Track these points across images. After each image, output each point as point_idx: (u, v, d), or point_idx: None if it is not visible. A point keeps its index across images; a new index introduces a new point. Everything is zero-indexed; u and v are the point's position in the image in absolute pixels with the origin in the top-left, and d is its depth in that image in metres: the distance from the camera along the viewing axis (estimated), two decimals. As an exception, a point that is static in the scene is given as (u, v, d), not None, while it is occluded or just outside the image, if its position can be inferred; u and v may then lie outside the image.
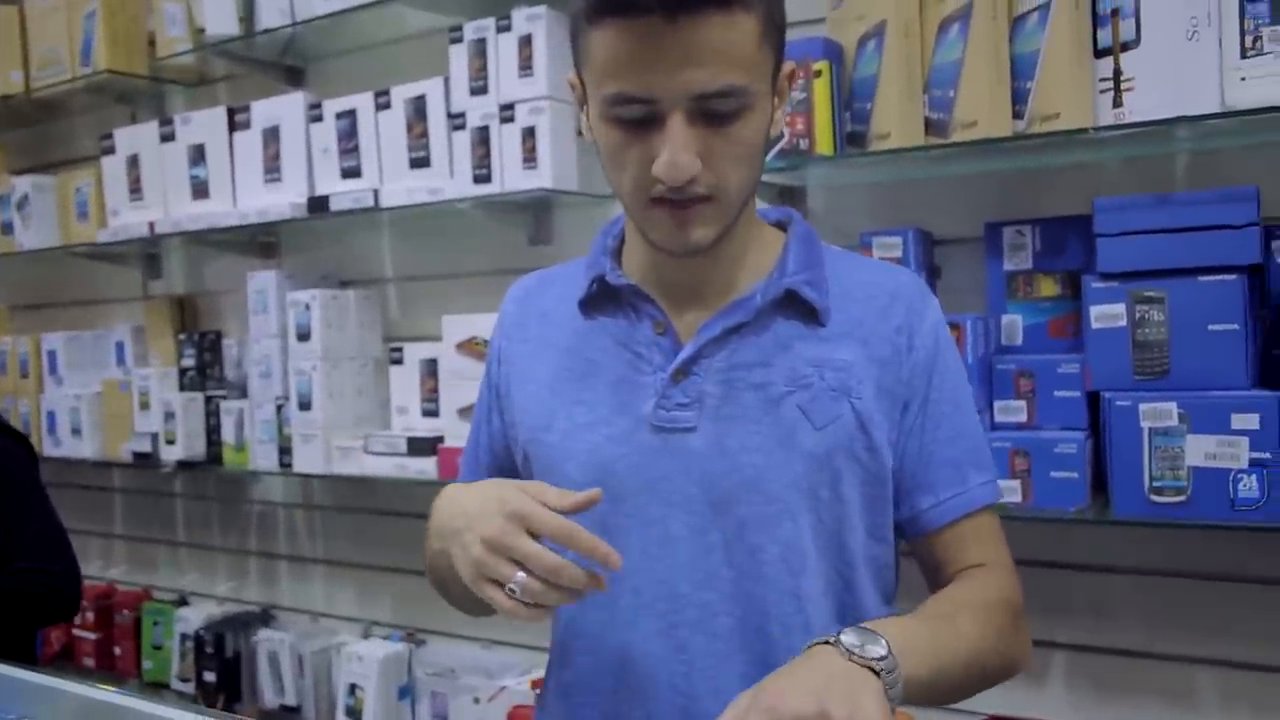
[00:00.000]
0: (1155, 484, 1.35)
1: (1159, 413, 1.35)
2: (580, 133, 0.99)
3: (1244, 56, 1.30)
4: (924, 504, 0.99)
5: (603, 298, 1.02)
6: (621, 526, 0.95)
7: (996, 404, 1.51)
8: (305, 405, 2.11)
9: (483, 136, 1.91)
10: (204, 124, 2.28)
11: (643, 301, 0.99)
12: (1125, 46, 1.36)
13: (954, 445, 1.00)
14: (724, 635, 0.94)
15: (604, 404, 0.98)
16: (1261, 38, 1.29)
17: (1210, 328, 1.36)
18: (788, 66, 0.95)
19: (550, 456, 1.00)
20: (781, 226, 1.05)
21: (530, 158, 1.86)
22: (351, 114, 2.07)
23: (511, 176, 1.88)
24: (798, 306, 0.97)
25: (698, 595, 0.94)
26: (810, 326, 0.97)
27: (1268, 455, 1.30)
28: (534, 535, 0.83)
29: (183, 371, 2.46)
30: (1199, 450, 1.33)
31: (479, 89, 1.91)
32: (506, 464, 1.11)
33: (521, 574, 0.81)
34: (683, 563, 0.94)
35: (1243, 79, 1.30)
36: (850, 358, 0.96)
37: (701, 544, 0.94)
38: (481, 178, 1.91)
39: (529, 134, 1.86)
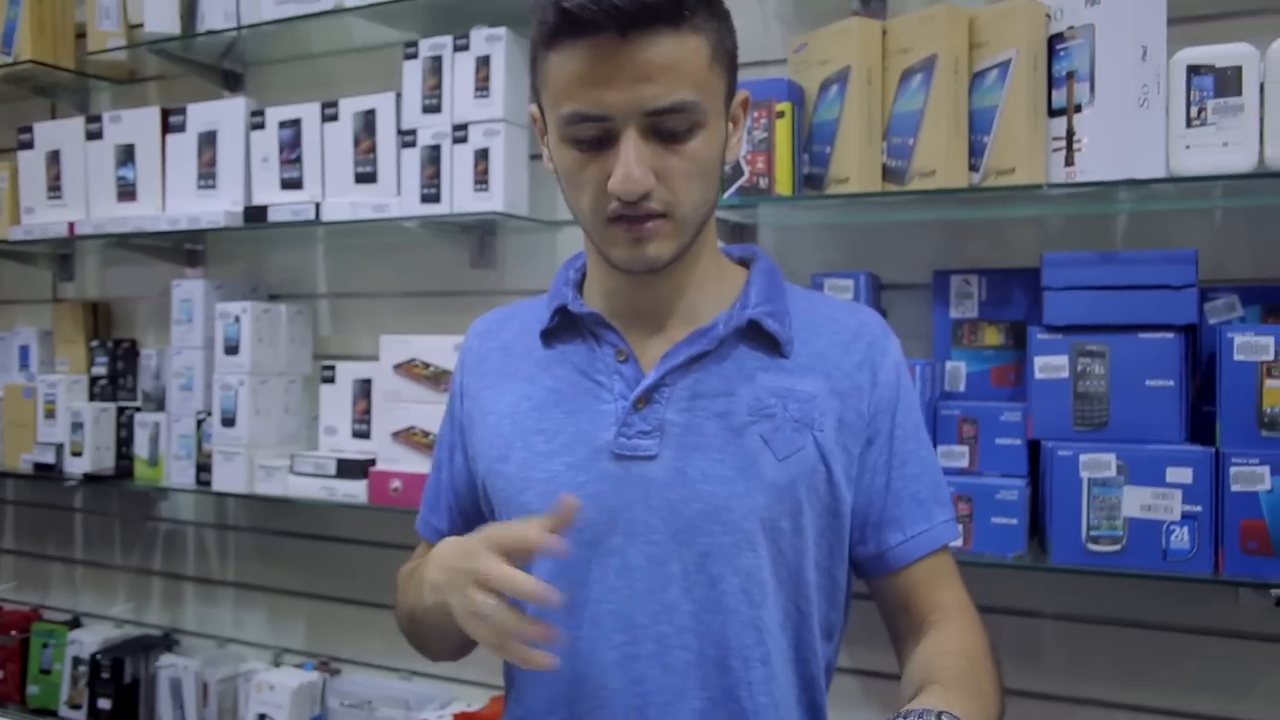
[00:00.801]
0: (1093, 533, 1.39)
1: (1098, 463, 1.39)
2: (546, 162, 0.99)
3: (1189, 126, 1.36)
4: (892, 540, 1.00)
5: (564, 327, 1.03)
6: (580, 556, 0.94)
7: (940, 448, 1.54)
8: (229, 421, 2.03)
9: (433, 155, 1.88)
10: (135, 124, 2.19)
11: (604, 329, 1.00)
12: (1079, 108, 1.41)
13: (919, 482, 1.02)
14: (680, 669, 0.93)
15: (563, 432, 0.98)
16: (1206, 109, 1.35)
17: (1148, 383, 1.41)
18: (741, 94, 0.98)
19: (509, 487, 0.99)
20: (745, 264, 1.07)
21: (482, 180, 1.83)
22: (296, 123, 2.01)
23: (461, 198, 1.85)
24: (760, 338, 0.98)
25: (655, 627, 0.94)
26: (773, 357, 0.98)
27: (1199, 508, 1.34)
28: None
29: (94, 380, 2.34)
30: (1135, 501, 1.37)
31: (432, 107, 1.88)
32: (468, 502, 1.11)
33: (492, 599, 0.84)
34: (640, 593, 0.94)
35: (1187, 147, 1.36)
36: (813, 390, 0.97)
37: (660, 574, 0.94)
38: (430, 197, 1.88)
39: (482, 155, 1.84)
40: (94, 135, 2.24)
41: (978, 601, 1.63)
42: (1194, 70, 1.35)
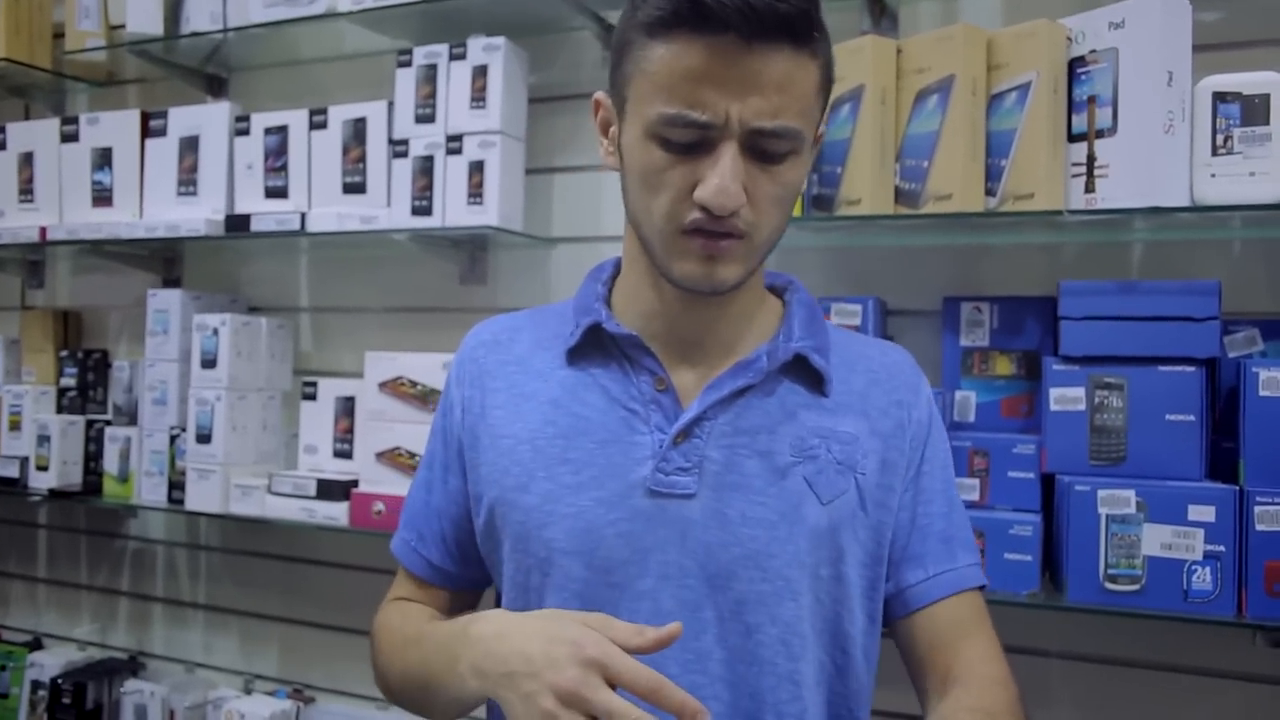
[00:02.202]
0: (1111, 571, 1.34)
1: (1117, 499, 1.35)
2: (604, 156, 0.94)
3: (1214, 154, 1.32)
4: (912, 579, 0.96)
5: (592, 347, 0.95)
6: (607, 599, 0.88)
7: (950, 480, 1.49)
8: (204, 438, 1.95)
9: (426, 167, 1.81)
10: (113, 126, 2.11)
11: (642, 354, 0.92)
12: (1100, 133, 1.37)
13: (945, 520, 0.97)
14: None
15: (593, 464, 0.90)
16: (1232, 137, 1.31)
17: (1168, 417, 1.36)
18: (821, 129, 0.92)
19: (528, 520, 0.91)
20: (777, 292, 1.02)
21: (476, 193, 1.77)
22: (283, 130, 1.94)
23: (454, 211, 1.79)
24: (804, 373, 0.94)
25: (686, 678, 0.87)
26: (814, 395, 0.94)
27: (1222, 548, 1.30)
28: (611, 684, 0.74)
29: (62, 392, 2.25)
30: (1155, 539, 1.33)
31: (425, 116, 1.82)
32: (463, 532, 1.02)
33: None
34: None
35: (1212, 175, 1.32)
36: (854, 430, 0.93)
37: (694, 621, 0.88)
38: (421, 209, 1.81)
39: (476, 168, 1.77)
40: (70, 137, 2.15)
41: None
42: (1220, 97, 1.32)
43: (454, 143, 1.80)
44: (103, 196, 2.12)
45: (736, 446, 0.90)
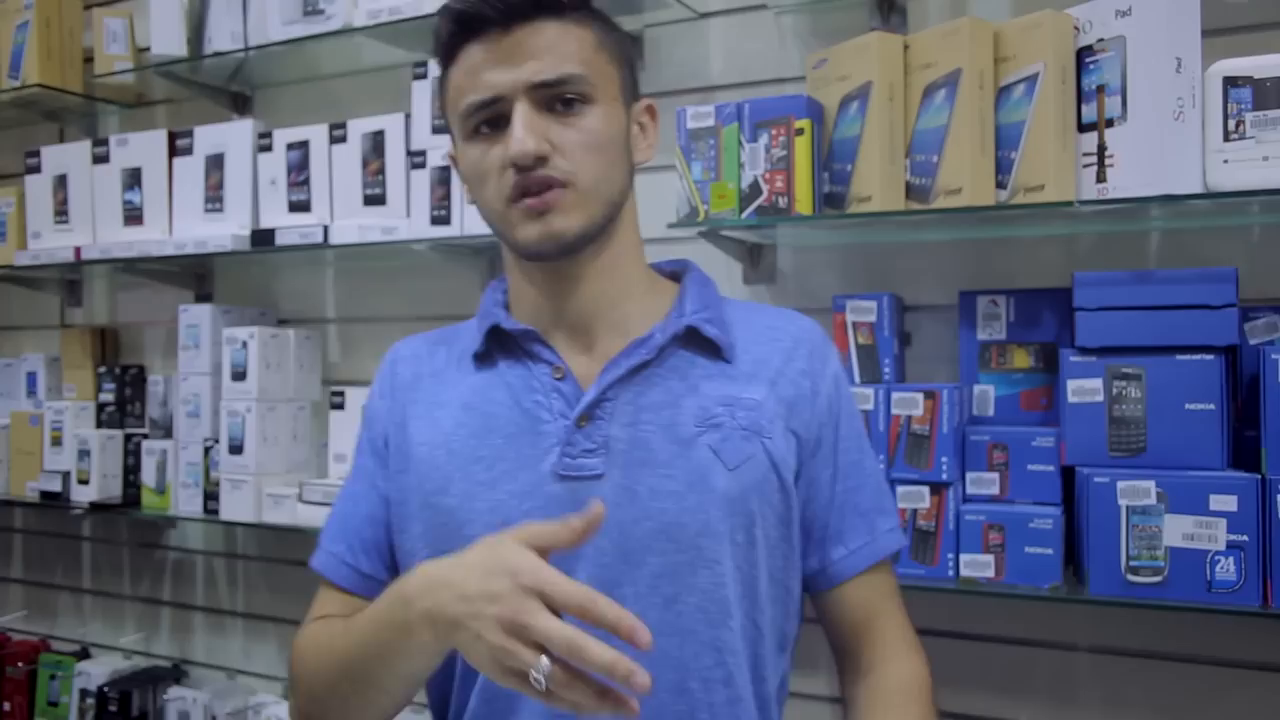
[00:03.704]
0: (1133, 563, 1.33)
1: (1137, 491, 1.33)
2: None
3: (1226, 139, 1.31)
4: (836, 554, 1.01)
5: (496, 348, 0.99)
6: None
7: (969, 475, 1.48)
8: (236, 449, 1.99)
9: (443, 176, 1.84)
10: (142, 147, 2.16)
11: (538, 345, 0.96)
12: (1110, 123, 1.36)
13: (862, 493, 1.02)
14: (637, 695, 0.88)
15: (504, 459, 0.93)
16: (1244, 122, 1.30)
17: (1188, 406, 1.35)
18: (646, 102, 1.01)
19: (450, 521, 0.94)
20: (676, 277, 1.05)
21: (493, 201, 1.79)
22: (304, 145, 1.98)
23: (472, 219, 1.81)
24: (701, 344, 0.97)
25: None
26: (716, 363, 0.97)
27: (1245, 538, 1.29)
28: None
29: (101, 407, 2.31)
30: (1177, 530, 1.32)
31: (442, 127, 1.83)
32: (388, 537, 1.02)
33: (546, 659, 0.73)
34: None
35: (1225, 161, 1.31)
36: (759, 397, 0.96)
37: (613, 598, 0.88)
38: (440, 219, 1.84)
39: (493, 176, 1.79)
40: (101, 159, 2.21)
41: (1010, 634, 1.59)
42: (1231, 82, 1.30)
43: (470, 152, 1.82)
44: (134, 215, 2.17)
45: (640, 423, 0.93)
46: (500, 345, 0.99)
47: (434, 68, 1.83)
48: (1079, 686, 1.56)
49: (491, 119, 0.91)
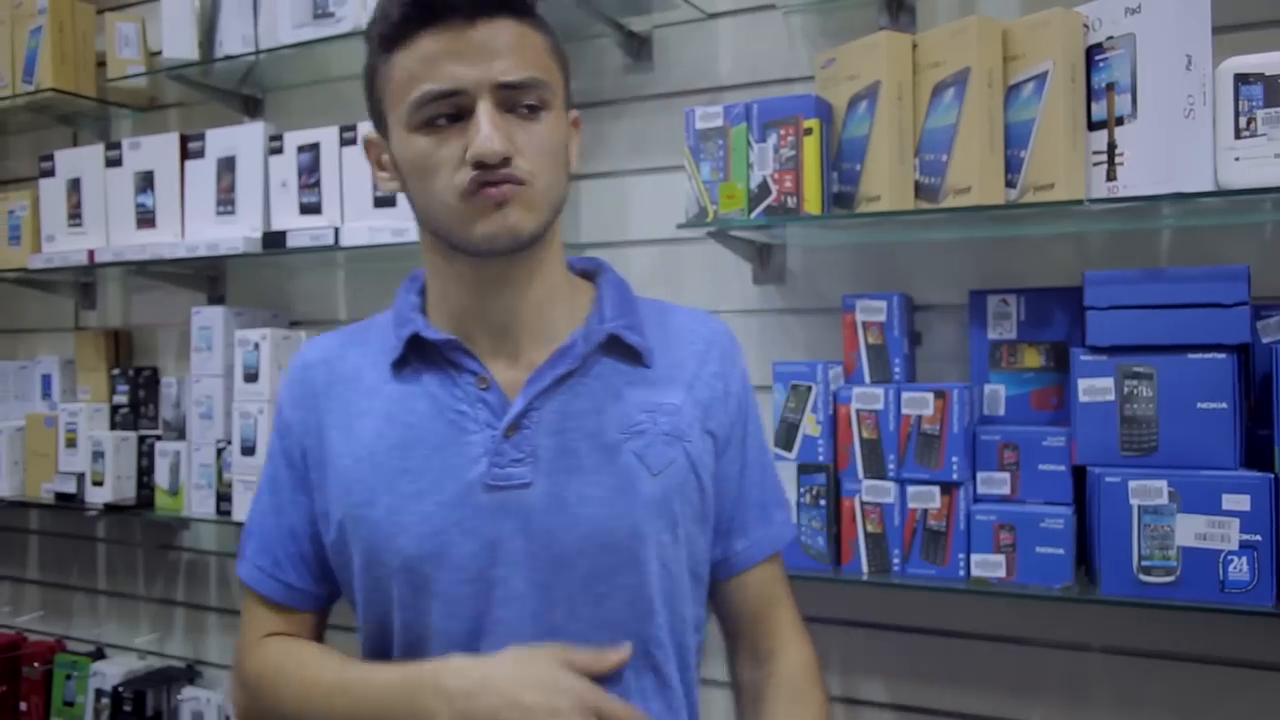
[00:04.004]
0: (1145, 563, 1.32)
1: (1149, 490, 1.33)
2: (383, 183, 1.00)
3: (1238, 137, 1.30)
4: (739, 545, 1.05)
5: (415, 356, 0.98)
6: (465, 594, 0.93)
7: (980, 475, 1.48)
8: (249, 450, 2.00)
9: (453, 178, 1.84)
10: (154, 150, 2.17)
11: (462, 356, 0.96)
12: (1120, 121, 1.36)
13: (761, 486, 1.07)
14: None
15: (430, 470, 0.93)
16: (1255, 119, 1.29)
17: (1200, 405, 1.34)
18: (574, 113, 1.00)
19: (376, 534, 0.94)
20: (588, 276, 1.06)
21: (503, 202, 1.80)
22: (314, 148, 1.99)
23: (482, 221, 1.82)
24: (621, 351, 0.99)
25: None
26: (636, 369, 0.99)
27: (1258, 537, 1.28)
28: None
29: (115, 409, 2.32)
30: (1189, 530, 1.31)
31: (451, 129, 1.85)
32: (320, 546, 1.01)
33: None
34: (527, 619, 0.92)
35: (1236, 159, 1.30)
36: (678, 401, 0.98)
37: (545, 600, 0.93)
38: (450, 220, 1.84)
39: (502, 178, 1.80)
40: (113, 162, 2.22)
41: (1021, 634, 1.59)
42: (1242, 79, 1.30)
43: (479, 154, 1.82)
44: (146, 218, 2.18)
45: (566, 431, 0.94)
46: (420, 353, 0.97)
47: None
48: (1091, 687, 1.56)
49: (449, 112, 0.89)
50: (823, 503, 1.53)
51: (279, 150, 2.03)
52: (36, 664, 2.47)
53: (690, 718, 1.01)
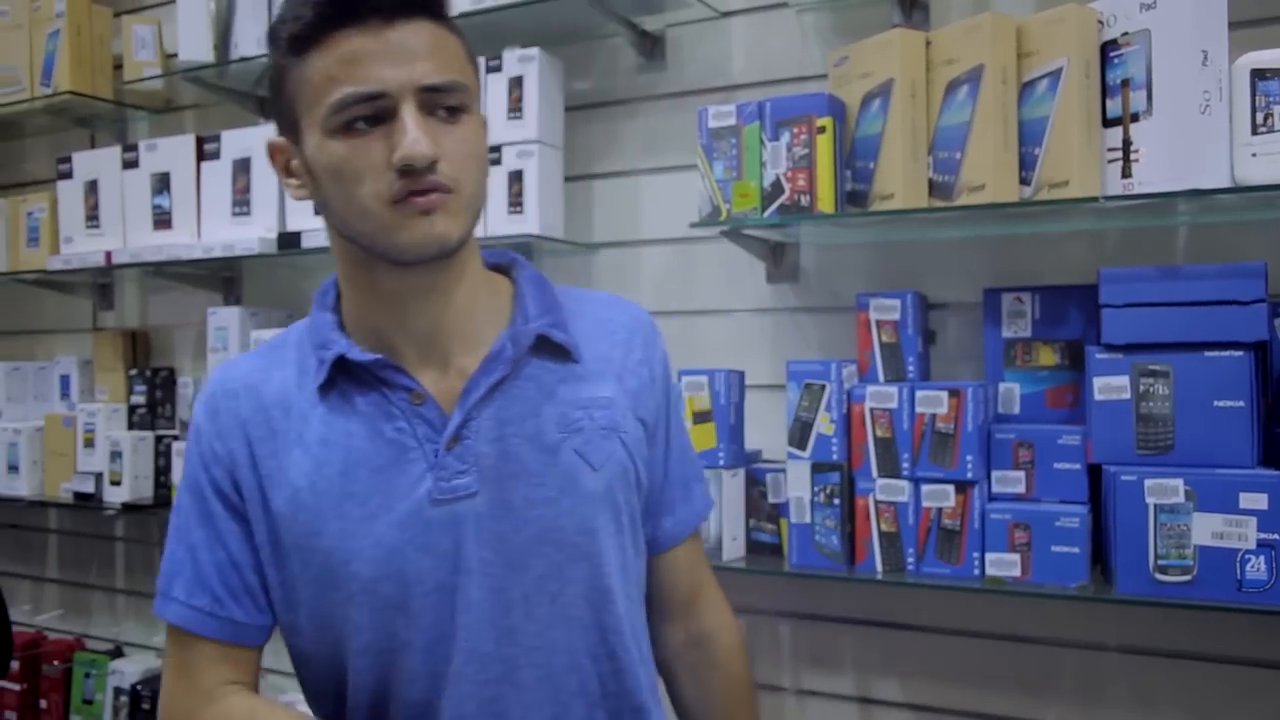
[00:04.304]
0: (1160, 562, 1.32)
1: (1165, 489, 1.32)
2: (293, 190, 0.96)
3: (1255, 133, 1.29)
4: (666, 524, 1.08)
5: (342, 376, 0.95)
6: (426, 605, 0.92)
7: (994, 474, 1.48)
8: (265, 449, 2.01)
9: (467, 178, 1.85)
10: (170, 152, 2.19)
11: (392, 373, 0.94)
12: (1135, 117, 1.35)
13: (683, 464, 1.10)
14: (531, 685, 0.94)
15: (376, 492, 0.92)
16: (1273, 115, 1.28)
17: (1216, 404, 1.33)
18: (483, 115, 0.97)
19: (330, 562, 0.92)
20: (503, 271, 1.04)
21: (516, 202, 1.80)
22: (329, 149, 1.99)
23: (496, 220, 1.82)
24: (550, 350, 0.98)
25: (500, 650, 0.93)
26: (566, 365, 0.98)
27: (1276, 536, 1.27)
28: None
29: (132, 409, 2.34)
30: (1206, 529, 1.30)
31: (465, 129, 1.85)
32: (262, 575, 0.97)
33: None
34: (484, 623, 0.93)
35: (1253, 155, 1.29)
36: (610, 394, 0.99)
37: (501, 603, 0.93)
38: (464, 220, 1.85)
39: (516, 178, 1.81)
40: (130, 164, 2.24)
41: (1036, 634, 1.58)
42: (1259, 75, 1.29)
43: (493, 153, 1.83)
44: (163, 219, 2.20)
45: (506, 437, 0.94)
46: (346, 373, 0.95)
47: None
48: (1107, 687, 1.55)
49: (369, 114, 0.86)
50: (837, 501, 1.53)
51: (294, 151, 2.04)
52: (56, 662, 2.49)
53: (650, 694, 1.03)
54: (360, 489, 0.92)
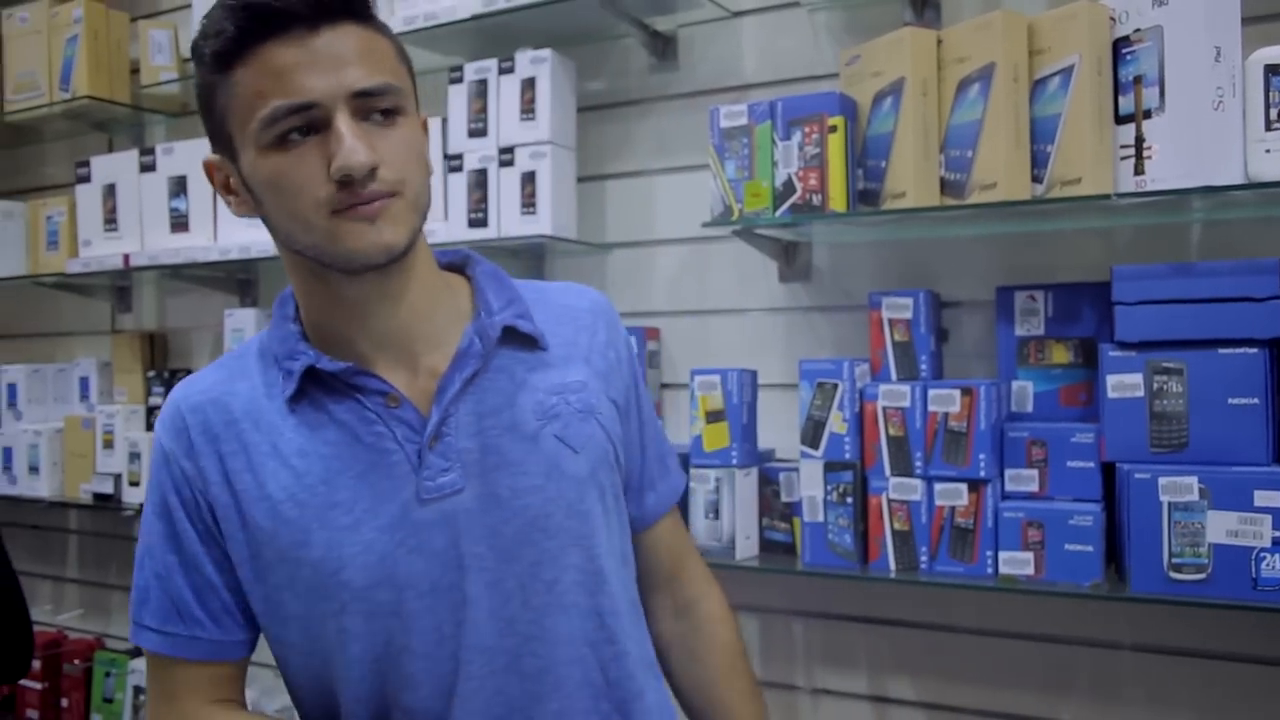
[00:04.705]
0: (1175, 560, 1.31)
1: (1179, 487, 1.32)
2: (234, 207, 0.95)
3: (1268, 129, 1.29)
4: (649, 500, 1.10)
5: (312, 386, 0.94)
6: (424, 608, 0.92)
7: (1008, 472, 1.48)
8: (281, 450, 2.03)
9: (480, 180, 1.86)
10: (187, 155, 2.21)
11: (365, 379, 0.93)
12: (1148, 114, 1.34)
13: (658, 442, 1.12)
14: (534, 674, 0.94)
15: (361, 498, 0.91)
16: (1287, 111, 1.28)
17: (1231, 401, 1.33)
18: (423, 116, 0.96)
19: (319, 571, 0.91)
20: (456, 269, 1.04)
21: (529, 203, 1.81)
22: (343, 151, 2.01)
23: (509, 222, 1.83)
24: (518, 340, 0.98)
25: (502, 642, 0.94)
26: (535, 354, 0.99)
27: (1291, 534, 1.27)
28: None
29: (150, 410, 2.36)
30: (1221, 526, 1.30)
31: (478, 131, 1.87)
32: (239, 594, 0.96)
33: None
34: (485, 619, 0.93)
35: (1267, 151, 1.29)
36: (582, 378, 1.00)
37: (499, 595, 0.93)
38: (477, 222, 1.86)
39: (529, 179, 1.81)
40: (147, 168, 2.26)
41: (1050, 632, 1.58)
42: (1272, 70, 1.28)
43: (506, 155, 1.84)
44: (180, 222, 2.22)
45: (485, 430, 0.94)
46: (316, 382, 0.94)
47: (470, 71, 1.86)
48: (1121, 685, 1.54)
49: (301, 125, 0.85)
50: (849, 500, 1.53)
51: (309, 154, 2.06)
52: (77, 661, 2.52)
53: (653, 673, 1.05)
54: (345, 496, 0.91)
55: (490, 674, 0.93)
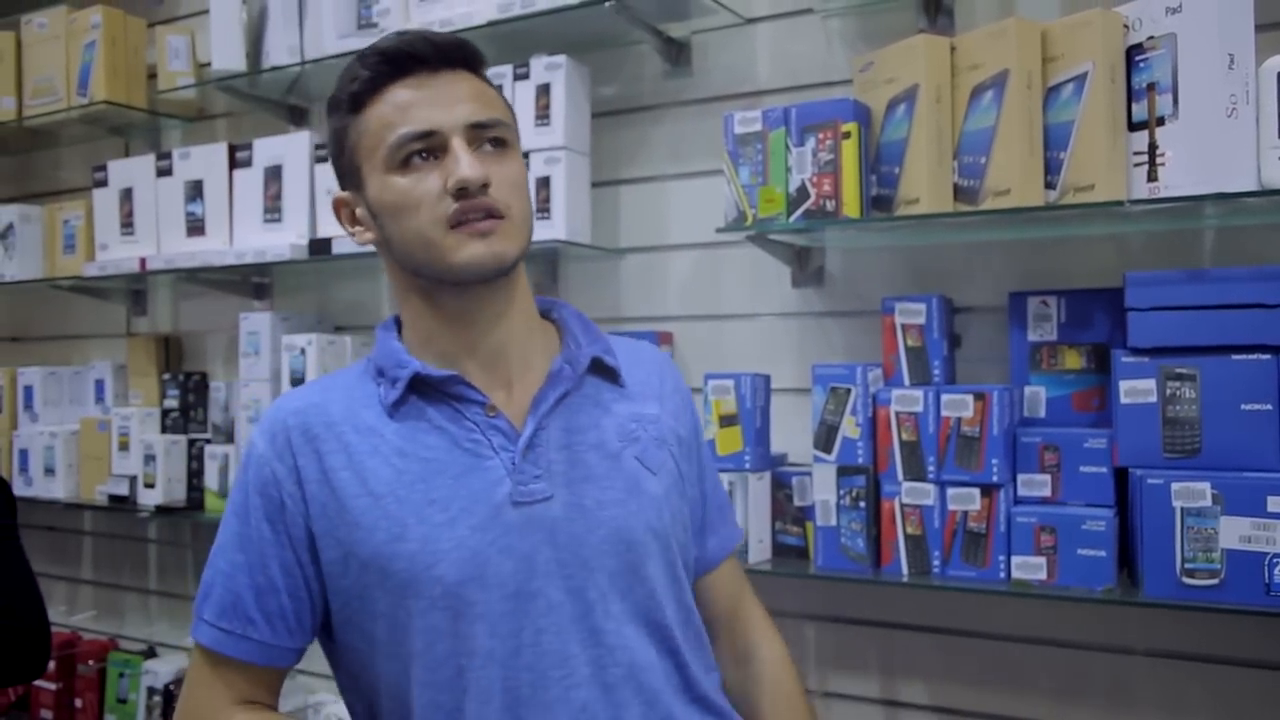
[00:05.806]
0: (1188, 565, 1.32)
1: (1192, 492, 1.32)
2: (358, 235, 1.06)
3: (1282, 136, 1.29)
4: (710, 544, 1.16)
5: (413, 394, 1.02)
6: (508, 609, 0.96)
7: (1020, 477, 1.48)
8: (296, 452, 2.04)
9: (494, 184, 1.87)
10: (203, 159, 2.23)
11: (465, 389, 1.01)
12: (1161, 121, 1.35)
13: (718, 491, 1.20)
14: (617, 684, 0.98)
15: (458, 498, 0.98)
16: (1300, 118, 1.28)
17: (1244, 407, 1.33)
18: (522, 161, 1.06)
19: (413, 566, 0.96)
20: (543, 314, 1.12)
21: (544, 208, 1.82)
22: (359, 156, 2.02)
23: (523, 226, 1.84)
24: (602, 372, 1.08)
25: (587, 653, 0.98)
26: (615, 388, 1.08)
27: (1304, 540, 1.27)
28: None
29: (165, 413, 2.38)
30: (1233, 532, 1.30)
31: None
32: (302, 601, 1.00)
33: None
34: (568, 625, 0.97)
35: (1280, 158, 1.29)
36: (656, 412, 1.09)
37: (582, 604, 0.98)
38: (491, 226, 1.87)
39: (543, 184, 1.83)
40: (164, 172, 2.28)
41: (1062, 636, 1.58)
42: (1286, 77, 1.29)
43: (520, 160, 1.85)
44: (196, 226, 2.23)
45: (573, 445, 1.02)
46: (417, 392, 1.01)
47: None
48: (1134, 690, 1.55)
49: (424, 150, 0.96)
50: (862, 505, 1.54)
51: (324, 159, 2.07)
52: (91, 662, 2.53)
53: (714, 690, 1.08)
54: (441, 495, 0.97)
55: (573, 685, 0.96)
